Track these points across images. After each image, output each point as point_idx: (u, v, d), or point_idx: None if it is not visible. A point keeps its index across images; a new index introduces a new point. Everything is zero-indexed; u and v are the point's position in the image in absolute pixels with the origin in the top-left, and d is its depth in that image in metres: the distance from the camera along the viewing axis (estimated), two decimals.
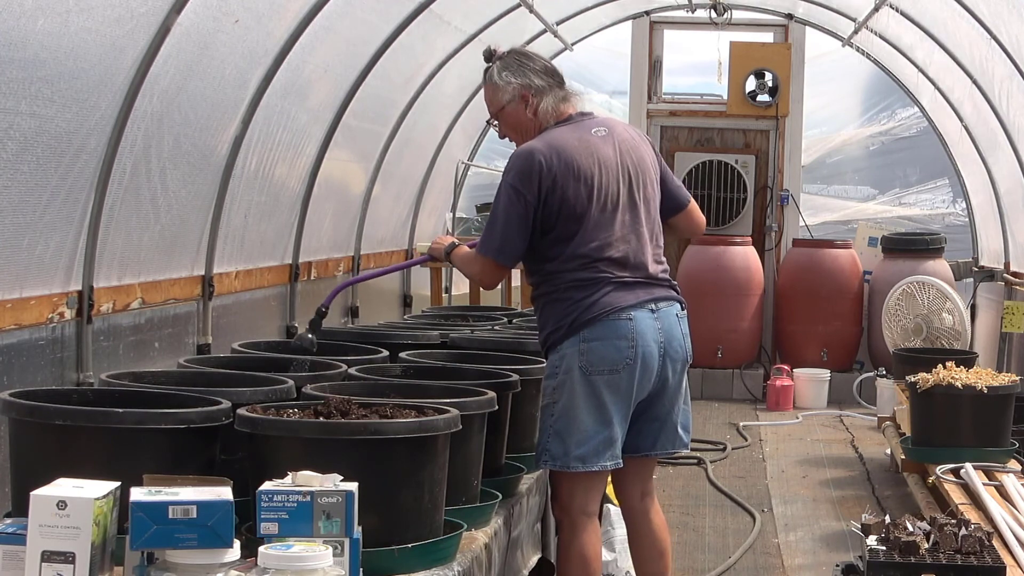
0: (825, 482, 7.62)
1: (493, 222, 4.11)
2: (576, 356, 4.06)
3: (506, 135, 4.32)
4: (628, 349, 4.06)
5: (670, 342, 4.15)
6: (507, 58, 4.28)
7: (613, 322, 4.06)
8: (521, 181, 4.04)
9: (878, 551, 4.13)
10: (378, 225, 9.15)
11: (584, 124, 4.21)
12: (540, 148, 4.08)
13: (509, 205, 4.06)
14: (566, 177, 4.05)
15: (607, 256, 4.09)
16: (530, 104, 4.21)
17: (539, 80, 4.24)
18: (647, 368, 4.09)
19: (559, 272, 4.10)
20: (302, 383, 3.58)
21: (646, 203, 4.21)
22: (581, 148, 4.11)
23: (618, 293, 4.09)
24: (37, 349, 4.70)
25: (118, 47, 4.72)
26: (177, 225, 5.76)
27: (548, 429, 4.11)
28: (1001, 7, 7.57)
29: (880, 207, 11.55)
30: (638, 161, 4.22)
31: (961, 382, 6.01)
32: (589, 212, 4.07)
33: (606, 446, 4.08)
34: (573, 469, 4.07)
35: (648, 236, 4.19)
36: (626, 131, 4.30)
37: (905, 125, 11.44)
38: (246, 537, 2.80)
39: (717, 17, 11.11)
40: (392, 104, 8.55)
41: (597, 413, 4.06)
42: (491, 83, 4.26)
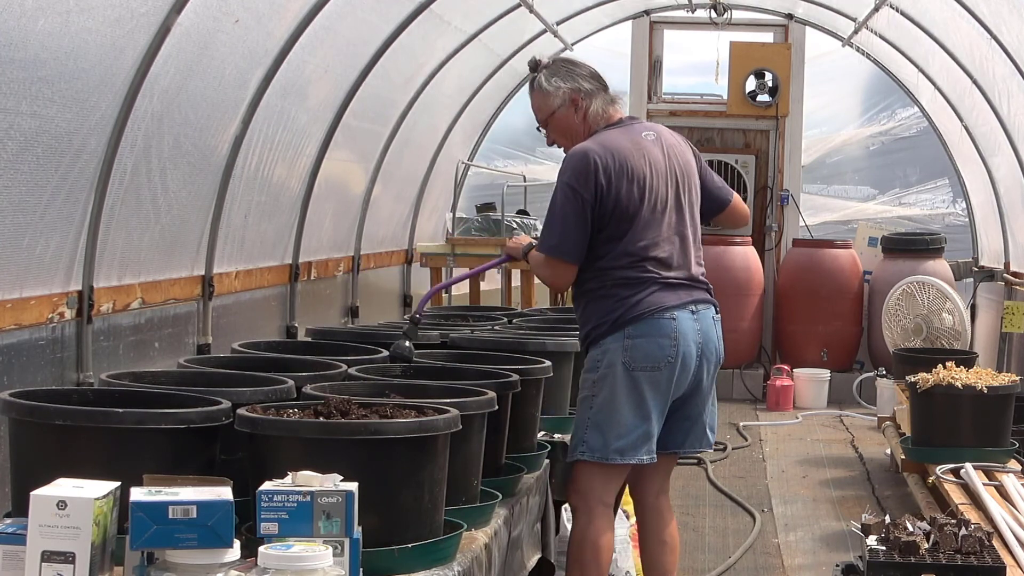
0: (825, 482, 7.62)
1: (552, 222, 4.23)
2: (620, 352, 4.19)
3: (555, 141, 4.45)
4: (670, 347, 4.19)
5: (707, 343, 4.30)
6: (553, 65, 4.37)
7: (657, 320, 4.19)
8: (577, 180, 4.17)
9: (878, 551, 4.13)
10: (378, 225, 9.15)
11: (634, 128, 4.34)
12: (595, 148, 4.21)
13: (566, 204, 4.18)
14: (620, 177, 4.17)
15: (654, 256, 4.22)
16: (580, 108, 4.32)
17: (588, 84, 4.34)
18: (686, 367, 4.23)
19: (607, 269, 4.22)
20: (302, 383, 3.58)
21: (690, 206, 4.35)
22: (634, 150, 4.23)
23: (663, 293, 4.21)
24: (37, 349, 4.70)
25: (118, 47, 4.72)
26: (177, 225, 5.76)
27: (586, 421, 4.25)
28: (1001, 7, 7.57)
29: (880, 207, 11.54)
30: (684, 164, 4.36)
31: (961, 382, 6.01)
32: (640, 212, 4.20)
33: (644, 440, 4.23)
34: (611, 461, 4.22)
35: (691, 238, 4.33)
36: (672, 135, 4.43)
37: (905, 125, 11.44)
38: (246, 537, 2.80)
39: (717, 17, 11.11)
40: (392, 104, 8.55)
41: (637, 408, 4.20)
42: (540, 90, 4.36)
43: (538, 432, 4.47)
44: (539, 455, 4.35)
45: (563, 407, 5.03)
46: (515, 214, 9.34)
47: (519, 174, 10.61)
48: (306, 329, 5.41)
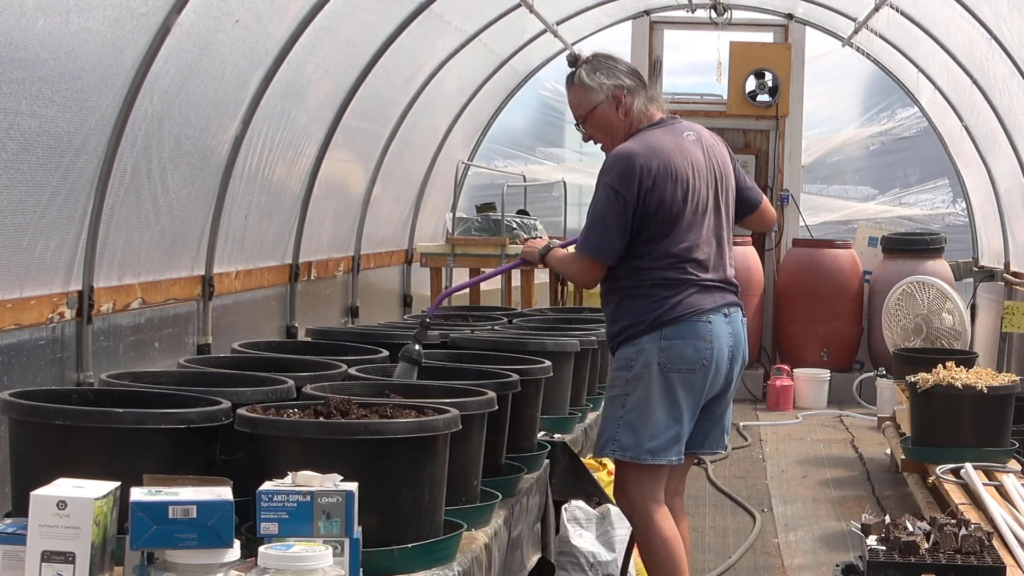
0: (825, 482, 7.62)
1: (593, 223, 4.21)
2: (656, 352, 4.20)
3: (592, 137, 4.39)
4: (706, 350, 4.21)
5: (737, 346, 4.32)
6: (594, 61, 4.34)
7: (694, 323, 4.21)
8: (620, 182, 4.14)
9: (878, 551, 4.13)
10: (378, 225, 9.15)
11: (675, 128, 4.32)
12: (638, 150, 4.17)
13: (608, 205, 4.16)
14: (664, 179, 4.15)
15: (693, 258, 4.22)
16: (622, 104, 4.29)
17: (629, 80, 4.32)
18: (719, 370, 4.26)
19: (647, 269, 4.22)
20: (302, 383, 3.59)
21: (727, 207, 4.36)
22: (676, 151, 4.22)
23: (700, 295, 4.23)
24: (37, 349, 4.70)
25: (118, 47, 4.72)
26: (177, 225, 5.76)
27: (618, 420, 4.26)
28: (1002, 7, 7.57)
29: (880, 207, 11.54)
30: (722, 165, 4.36)
31: (961, 382, 6.01)
32: (683, 214, 4.19)
33: (675, 442, 4.25)
34: (643, 461, 4.23)
35: (726, 240, 4.35)
36: (711, 135, 4.42)
37: (905, 125, 11.43)
38: (246, 537, 2.80)
39: (717, 17, 11.11)
40: (392, 104, 8.55)
41: (670, 409, 4.22)
42: (580, 86, 4.32)
43: (538, 432, 4.48)
44: (539, 455, 4.35)
45: (563, 407, 5.03)
46: (515, 214, 9.34)
47: (519, 174, 10.61)
48: (306, 329, 5.42)
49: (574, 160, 11.85)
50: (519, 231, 8.94)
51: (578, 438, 5.15)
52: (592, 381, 5.70)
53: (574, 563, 4.70)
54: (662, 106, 4.35)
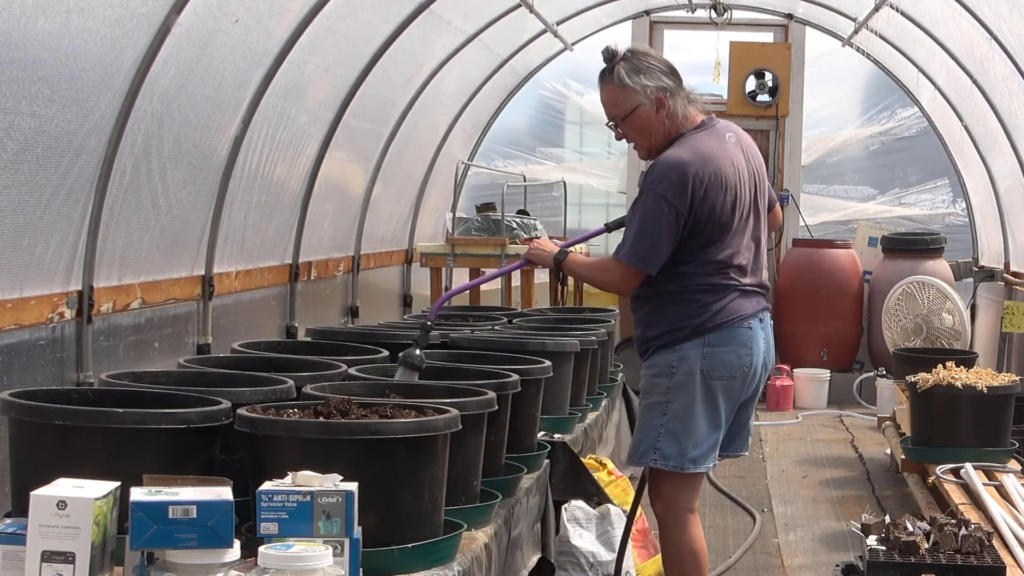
0: (825, 482, 7.62)
1: (643, 233, 4.09)
2: (698, 359, 4.16)
3: (627, 137, 4.27)
4: (746, 356, 4.20)
5: (769, 351, 4.32)
6: (632, 59, 4.19)
7: (737, 329, 4.18)
8: (673, 193, 4.05)
9: (878, 551, 4.13)
10: (378, 225, 9.15)
11: (717, 130, 4.22)
12: (691, 160, 4.08)
13: (660, 216, 4.06)
14: (715, 188, 4.08)
15: (736, 264, 4.19)
16: (665, 107, 4.17)
17: (670, 81, 4.20)
18: (755, 376, 4.26)
19: (692, 275, 4.16)
20: (302, 383, 3.59)
21: (763, 209, 4.32)
22: (724, 157, 4.14)
23: (741, 301, 4.20)
24: (37, 349, 4.69)
25: (118, 47, 4.72)
26: (177, 225, 5.76)
27: (659, 428, 4.21)
28: (1002, 6, 7.57)
29: (880, 207, 11.54)
30: (759, 167, 4.31)
31: (961, 382, 6.01)
32: (732, 221, 4.14)
33: (713, 448, 4.25)
34: (686, 470, 4.20)
35: (764, 243, 4.31)
36: (746, 136, 4.35)
37: (905, 125, 11.43)
38: (246, 537, 2.80)
39: (717, 17, 11.10)
40: (392, 104, 8.55)
41: (712, 417, 4.20)
42: (619, 85, 4.18)
43: (538, 432, 4.47)
44: (539, 455, 4.35)
45: (563, 407, 5.03)
46: (515, 214, 9.34)
47: (519, 174, 10.61)
48: (306, 329, 5.42)
49: (574, 160, 11.85)
50: (519, 231, 8.94)
51: (578, 438, 5.16)
52: (592, 381, 5.70)
53: (574, 563, 4.70)
54: (700, 106, 4.26)
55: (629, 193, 11.40)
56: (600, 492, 4.97)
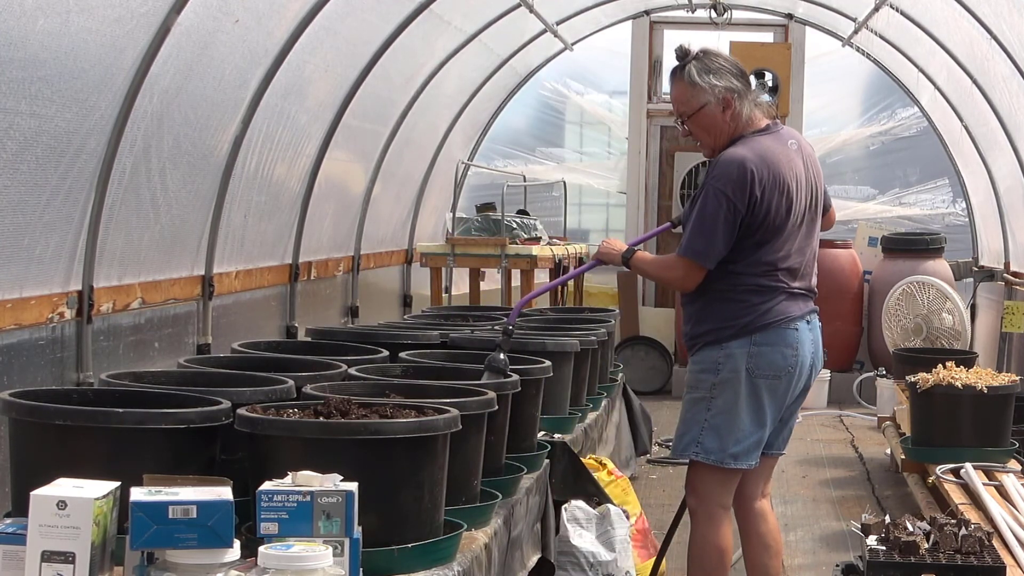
0: (825, 482, 7.62)
1: (702, 227, 4.16)
2: (744, 358, 4.21)
3: (693, 135, 4.36)
4: (792, 357, 4.24)
5: (816, 353, 4.35)
6: (704, 59, 4.28)
7: (783, 330, 4.23)
8: (734, 190, 4.12)
9: (878, 551, 4.13)
10: (378, 225, 9.15)
11: (781, 136, 4.30)
12: (752, 159, 4.15)
13: (719, 211, 4.13)
14: (773, 189, 4.15)
15: (787, 267, 4.24)
16: (731, 108, 4.25)
17: (738, 83, 4.28)
18: (801, 376, 4.30)
19: (741, 274, 4.21)
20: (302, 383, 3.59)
21: (818, 217, 4.38)
22: (784, 161, 4.21)
23: (789, 303, 4.25)
24: (37, 349, 4.69)
25: (118, 47, 4.72)
26: (177, 225, 5.76)
27: (703, 423, 4.27)
28: (1002, 6, 7.57)
29: (880, 207, 11.54)
30: (817, 176, 4.37)
31: (961, 382, 6.00)
32: (786, 225, 4.20)
33: (756, 446, 4.29)
34: (726, 465, 4.26)
35: (815, 249, 4.36)
36: (808, 145, 4.42)
37: (905, 125, 11.43)
38: (246, 537, 2.80)
39: (717, 17, 11.10)
40: (392, 104, 8.55)
41: (756, 415, 4.25)
42: (689, 83, 4.26)
43: (538, 432, 4.47)
44: (539, 455, 4.35)
45: (563, 407, 5.03)
46: (515, 214, 9.34)
47: (519, 174, 10.61)
48: (306, 329, 5.42)
49: (574, 160, 11.85)
50: (519, 231, 8.94)
51: (578, 438, 5.16)
52: (592, 381, 5.70)
53: (574, 563, 4.70)
54: (766, 110, 4.33)
55: (629, 193, 11.41)
56: (600, 492, 4.97)
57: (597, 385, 5.90)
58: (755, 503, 4.47)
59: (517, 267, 8.79)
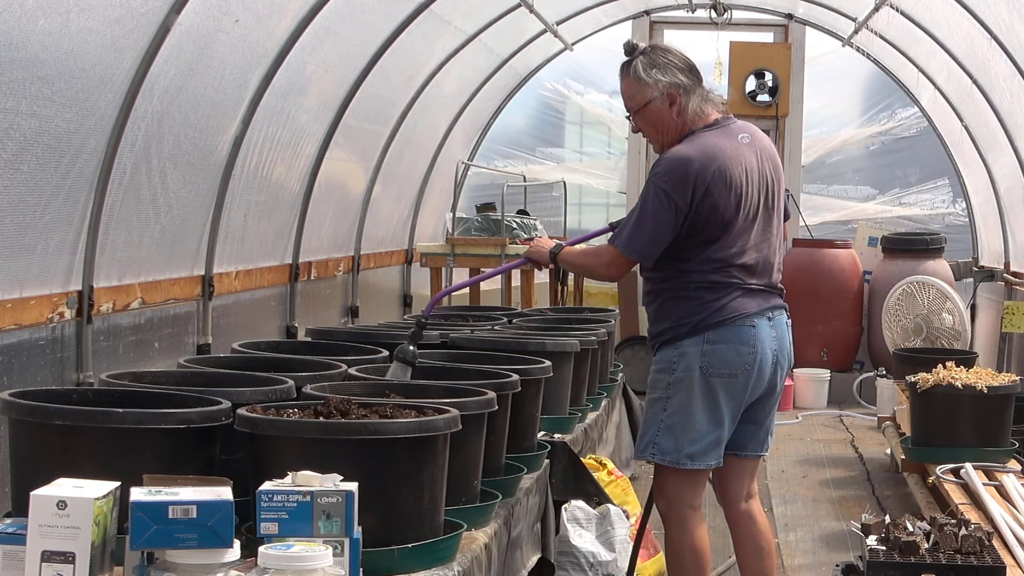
0: (825, 482, 7.62)
1: (641, 223, 4.14)
2: (698, 356, 4.18)
3: (641, 131, 4.34)
4: (749, 355, 4.18)
5: (781, 349, 4.29)
6: (651, 54, 4.25)
7: (738, 327, 4.18)
8: (674, 188, 4.09)
9: (878, 551, 4.13)
10: (378, 225, 9.15)
11: (731, 130, 4.25)
12: (695, 156, 4.12)
13: (659, 209, 4.11)
14: (718, 186, 4.10)
15: (740, 263, 4.19)
16: (676, 103, 4.22)
17: (685, 78, 4.24)
18: (761, 374, 4.23)
19: (691, 272, 4.18)
20: (302, 383, 3.59)
21: (776, 212, 4.32)
22: (732, 156, 4.16)
23: (744, 299, 4.20)
24: (37, 349, 4.69)
25: (118, 47, 4.71)
26: (177, 225, 5.76)
27: (659, 423, 4.24)
28: (1001, 7, 7.57)
29: (880, 207, 11.54)
30: (774, 169, 4.31)
31: (961, 382, 6.01)
32: (735, 220, 4.15)
33: (715, 446, 4.24)
34: (682, 466, 4.23)
35: (776, 244, 4.30)
36: (764, 138, 4.36)
37: (905, 125, 11.43)
38: (246, 537, 2.80)
39: (717, 17, 11.10)
40: (392, 104, 8.55)
41: (711, 413, 4.20)
42: (635, 78, 4.24)
43: (538, 432, 4.47)
44: (539, 455, 4.36)
45: (563, 407, 5.03)
46: (515, 214, 9.34)
47: (519, 174, 10.61)
48: (306, 329, 5.42)
49: (574, 160, 11.85)
50: (519, 231, 8.94)
51: (578, 438, 5.16)
52: (592, 381, 5.70)
53: (574, 563, 4.70)
54: (718, 105, 4.28)
55: (629, 193, 11.41)
56: (600, 492, 4.97)
57: (597, 385, 5.90)
58: (740, 505, 4.45)
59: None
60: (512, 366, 4.17)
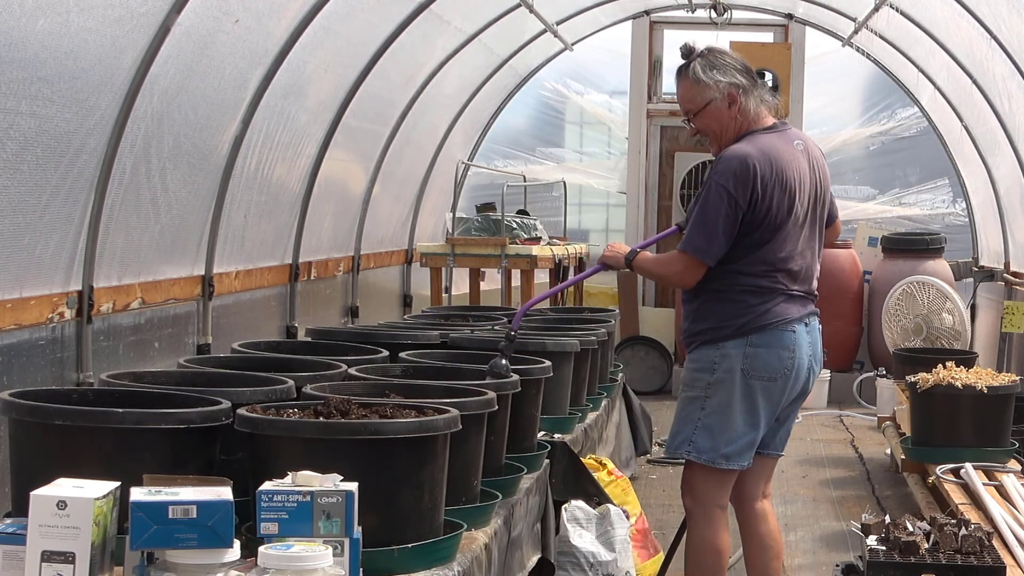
0: (825, 482, 7.62)
1: (703, 223, 4.14)
2: (740, 358, 4.19)
3: (700, 132, 4.34)
4: (788, 359, 4.22)
5: (815, 355, 4.32)
6: (709, 56, 4.29)
7: (780, 332, 4.21)
8: (735, 185, 4.10)
9: (878, 551, 4.13)
10: (378, 225, 9.15)
11: (787, 135, 4.28)
12: (755, 155, 4.13)
13: (720, 206, 4.11)
14: (775, 187, 4.13)
15: (786, 268, 4.21)
16: (736, 103, 4.24)
17: (743, 79, 4.29)
18: (798, 378, 4.27)
19: (739, 274, 4.19)
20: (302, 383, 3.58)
21: (822, 220, 4.35)
22: (788, 160, 4.19)
23: (787, 305, 4.23)
24: (37, 349, 4.69)
25: (118, 47, 4.72)
26: (177, 225, 5.76)
27: (696, 421, 4.26)
28: (1001, 7, 7.57)
29: (880, 207, 11.54)
30: (823, 179, 4.34)
31: (961, 382, 6.00)
32: (786, 224, 4.18)
33: (749, 447, 4.27)
34: (718, 465, 4.25)
35: (817, 253, 4.33)
36: (815, 147, 4.39)
37: (905, 125, 11.43)
38: (246, 537, 2.80)
39: (717, 17, 11.10)
40: (392, 104, 8.55)
41: (750, 416, 4.23)
42: (694, 80, 4.28)
43: (538, 432, 4.47)
44: (539, 455, 4.35)
45: (563, 407, 5.03)
46: (515, 214, 9.34)
47: (519, 174, 10.61)
48: (306, 329, 5.42)
49: (574, 160, 11.85)
50: (519, 231, 8.94)
51: (578, 438, 5.16)
52: (592, 381, 5.70)
53: (574, 563, 4.70)
54: (772, 110, 4.31)
55: (629, 193, 11.41)
56: (600, 492, 4.97)
57: (597, 385, 5.90)
58: (755, 503, 4.47)
59: (517, 267, 8.79)
60: (512, 366, 4.17)
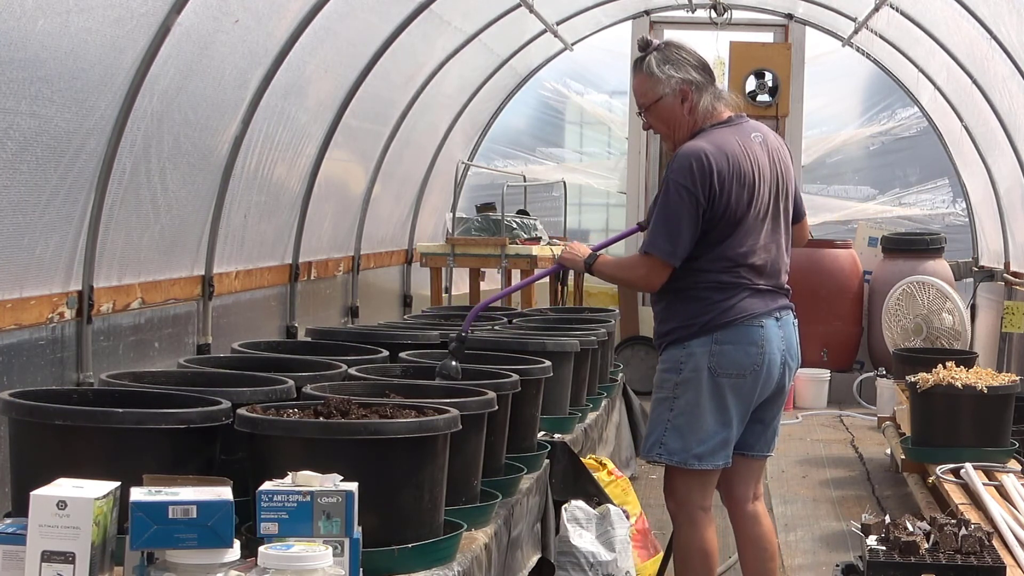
0: (825, 482, 7.62)
1: (665, 222, 4.10)
2: (706, 356, 4.16)
3: (652, 127, 4.31)
4: (757, 355, 4.18)
5: (789, 350, 4.30)
6: (665, 50, 4.24)
7: (746, 328, 4.17)
8: (692, 181, 4.06)
9: (878, 551, 4.13)
10: (378, 225, 9.15)
11: (743, 128, 4.24)
12: (709, 149, 4.10)
13: (681, 205, 4.08)
14: (732, 181, 4.09)
15: (749, 263, 4.17)
16: (688, 100, 4.20)
17: (698, 75, 4.23)
18: (770, 375, 4.22)
19: (701, 271, 4.16)
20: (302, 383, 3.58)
21: (786, 213, 4.32)
22: (745, 153, 4.16)
23: (753, 300, 4.19)
24: (37, 349, 4.69)
25: (118, 47, 4.72)
26: (177, 225, 5.76)
27: (665, 423, 4.23)
28: (1001, 7, 7.57)
29: (880, 207, 11.54)
30: (785, 170, 4.31)
31: (961, 382, 6.00)
32: (746, 218, 4.14)
33: (723, 446, 4.23)
34: (690, 466, 4.22)
35: (784, 246, 4.30)
36: (776, 138, 4.35)
37: (905, 125, 11.43)
38: (246, 537, 2.80)
39: (717, 17, 11.10)
40: (392, 104, 8.55)
41: (719, 414, 4.19)
42: (648, 74, 4.23)
43: (538, 432, 4.47)
44: (539, 455, 4.35)
45: (563, 407, 5.03)
46: (515, 214, 9.34)
47: (519, 174, 10.61)
48: (306, 329, 5.42)
49: (574, 160, 11.85)
50: (519, 231, 8.93)
51: (578, 438, 5.16)
52: (592, 381, 5.70)
53: (574, 563, 4.70)
54: (729, 103, 4.27)
55: (629, 193, 11.41)
56: (600, 492, 4.97)
57: (597, 385, 5.90)
58: (747, 506, 4.44)
59: (517, 267, 8.78)
60: (512, 366, 4.17)
